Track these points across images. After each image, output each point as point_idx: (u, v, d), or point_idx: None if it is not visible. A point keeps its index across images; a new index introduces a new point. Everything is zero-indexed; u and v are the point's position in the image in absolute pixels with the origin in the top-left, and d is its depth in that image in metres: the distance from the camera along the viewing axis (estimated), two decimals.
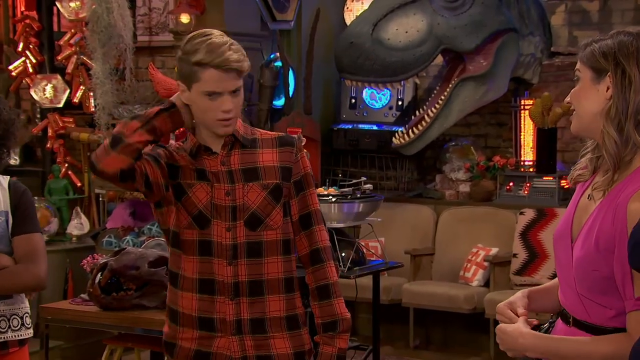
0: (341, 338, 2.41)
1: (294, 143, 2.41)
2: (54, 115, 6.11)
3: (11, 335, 2.68)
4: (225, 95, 2.29)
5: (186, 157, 2.37)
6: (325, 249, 2.42)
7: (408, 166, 6.94)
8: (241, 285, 2.33)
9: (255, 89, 6.60)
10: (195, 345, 2.37)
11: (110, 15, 5.54)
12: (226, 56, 2.26)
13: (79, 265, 5.26)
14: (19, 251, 2.66)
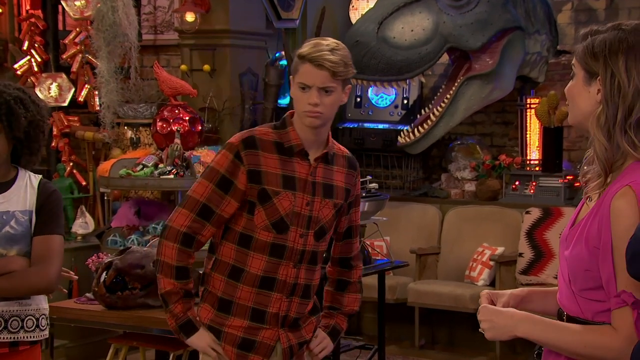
0: (340, 317, 2.74)
1: (357, 167, 2.68)
2: (59, 114, 6.10)
3: (23, 335, 2.68)
4: (313, 89, 2.45)
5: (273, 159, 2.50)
6: (356, 257, 2.75)
7: (413, 165, 6.92)
8: (298, 287, 2.57)
9: (261, 88, 6.59)
10: (242, 333, 2.57)
11: (115, 13, 5.53)
12: (323, 54, 2.45)
13: (83, 264, 5.26)
14: (34, 252, 2.66)
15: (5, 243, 2.62)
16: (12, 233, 2.63)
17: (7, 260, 2.62)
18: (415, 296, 6.06)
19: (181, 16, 6.06)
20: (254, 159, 2.49)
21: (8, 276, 2.60)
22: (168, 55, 6.46)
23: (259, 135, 2.52)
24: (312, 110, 2.46)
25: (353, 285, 2.75)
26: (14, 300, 2.65)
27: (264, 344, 2.58)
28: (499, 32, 6.17)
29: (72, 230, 5.85)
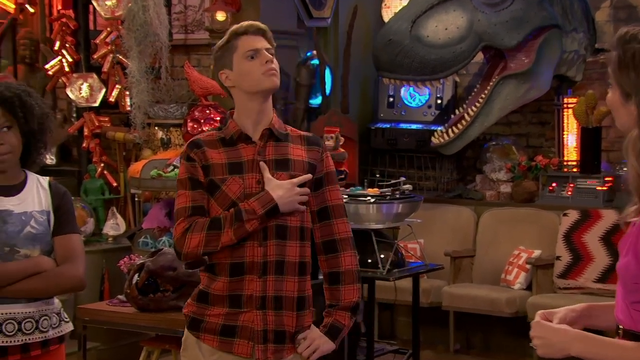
0: (339, 314, 2.65)
1: (320, 144, 2.67)
2: (90, 114, 6.07)
3: (52, 333, 2.70)
4: (262, 51, 2.57)
5: (219, 153, 2.58)
6: (342, 241, 2.65)
7: (447, 166, 6.83)
8: (269, 265, 2.55)
9: (292, 88, 6.53)
10: (222, 320, 2.58)
11: (146, 13, 5.49)
12: (251, 23, 2.62)
13: (115, 266, 5.22)
14: (58, 252, 2.69)
15: (29, 243, 2.64)
16: (34, 233, 2.65)
17: (37, 261, 2.63)
18: (450, 300, 5.96)
19: (212, 15, 6.01)
20: (202, 155, 2.59)
21: (40, 277, 2.62)
22: (199, 55, 6.41)
23: (204, 137, 2.64)
24: (270, 68, 2.56)
25: (346, 275, 2.64)
26: (41, 300, 2.66)
27: (245, 327, 2.57)
28: (535, 30, 6.06)
29: (103, 232, 5.81)
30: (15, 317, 2.61)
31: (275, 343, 2.58)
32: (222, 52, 2.60)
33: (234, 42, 2.59)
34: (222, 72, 2.60)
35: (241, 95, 2.60)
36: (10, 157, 2.65)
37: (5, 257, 2.60)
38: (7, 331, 2.60)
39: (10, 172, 2.68)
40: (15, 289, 2.59)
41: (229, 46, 2.59)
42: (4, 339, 2.59)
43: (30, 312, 2.63)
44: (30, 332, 2.63)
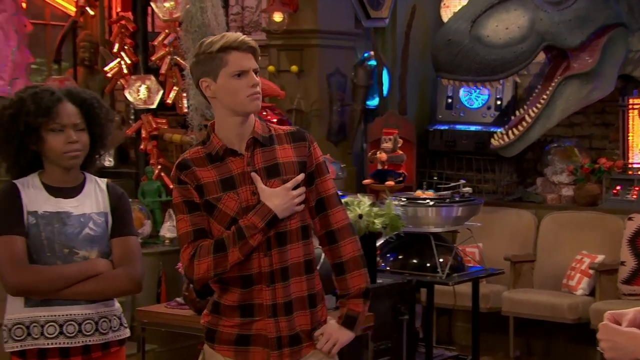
0: (352, 302, 2.65)
1: (306, 137, 2.63)
2: (148, 116, 6.08)
3: (112, 335, 2.70)
4: (250, 72, 2.52)
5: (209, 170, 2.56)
6: (341, 230, 2.65)
7: (507, 168, 6.70)
8: (275, 273, 2.56)
9: (349, 89, 6.48)
10: (237, 330, 2.59)
11: (204, 14, 5.48)
12: (242, 39, 2.54)
13: (171, 268, 5.22)
14: (116, 254, 2.69)
15: (87, 245, 2.65)
16: (92, 235, 2.66)
17: (94, 263, 2.65)
18: (510, 305, 5.85)
19: (269, 16, 5.99)
20: (193, 176, 2.57)
21: (96, 279, 2.64)
22: None
23: (190, 156, 2.60)
24: (255, 92, 2.54)
25: (350, 263, 2.65)
26: (100, 302, 2.67)
27: (259, 335, 2.59)
28: (599, 29, 5.90)
29: (160, 234, 5.82)
30: (75, 319, 2.62)
31: (290, 346, 2.60)
32: (209, 60, 2.53)
33: (224, 55, 2.52)
34: (204, 80, 2.55)
35: (222, 109, 2.57)
36: (80, 155, 2.69)
37: (65, 259, 2.62)
38: (68, 332, 2.61)
39: (72, 174, 2.70)
40: (72, 292, 2.61)
41: (218, 57, 2.52)
42: (65, 340, 2.61)
43: (90, 313, 2.64)
44: (90, 333, 2.64)
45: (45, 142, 2.63)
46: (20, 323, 2.60)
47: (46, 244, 2.61)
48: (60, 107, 2.63)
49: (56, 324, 2.60)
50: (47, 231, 2.61)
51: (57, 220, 2.62)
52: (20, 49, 5.94)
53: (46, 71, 7.25)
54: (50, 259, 2.60)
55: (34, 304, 2.60)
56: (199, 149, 2.61)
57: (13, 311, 2.63)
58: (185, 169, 2.58)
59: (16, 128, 2.61)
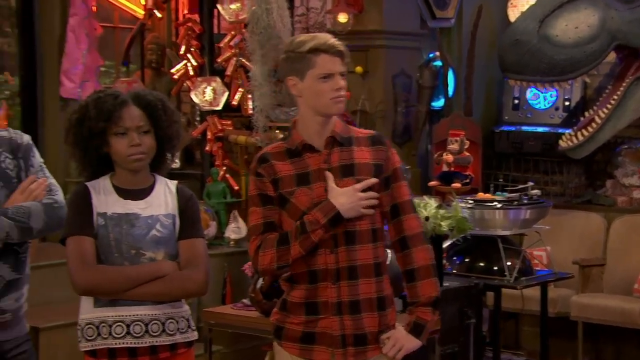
0: (420, 310, 2.67)
1: (385, 142, 2.70)
2: (213, 117, 6.12)
3: (180, 337, 2.71)
4: (336, 76, 2.59)
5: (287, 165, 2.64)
6: (413, 237, 2.68)
7: (575, 170, 6.57)
8: (342, 271, 2.60)
9: (414, 90, 6.44)
10: (302, 328, 2.64)
11: (270, 16, 5.49)
12: (332, 42, 2.61)
13: (236, 270, 5.24)
14: (182, 256, 2.71)
15: (154, 246, 2.66)
16: (159, 236, 2.67)
17: (159, 265, 2.66)
18: (579, 310, 5.74)
19: (334, 17, 5.98)
20: (270, 169, 2.65)
21: (162, 280, 2.65)
22: None
23: (270, 150, 2.70)
24: (339, 95, 2.60)
25: (421, 271, 2.67)
26: (167, 303, 2.68)
27: (323, 333, 2.63)
28: None
29: (225, 235, 5.85)
30: (142, 319, 2.64)
31: (355, 346, 2.63)
32: (297, 59, 2.61)
33: (313, 57, 2.59)
34: (291, 79, 2.64)
35: (306, 107, 2.65)
36: (145, 158, 2.70)
37: (132, 260, 2.64)
38: (135, 333, 2.63)
39: (140, 176, 2.72)
40: (138, 292, 2.63)
41: (307, 58, 2.59)
42: (132, 340, 2.63)
43: (156, 314, 2.66)
44: (157, 334, 2.66)
45: (111, 145, 2.67)
46: (91, 323, 2.64)
47: (114, 245, 2.64)
48: (124, 111, 2.65)
49: (123, 324, 2.63)
50: (116, 232, 2.64)
51: (126, 222, 2.65)
52: (90, 51, 6.04)
53: (114, 73, 7.36)
54: (118, 260, 2.63)
55: (103, 304, 2.64)
56: (280, 144, 2.71)
57: (84, 311, 2.67)
58: (264, 162, 2.66)
59: (82, 133, 2.66)
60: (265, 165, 2.67)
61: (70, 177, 5.91)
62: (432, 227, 4.25)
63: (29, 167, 2.78)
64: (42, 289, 4.62)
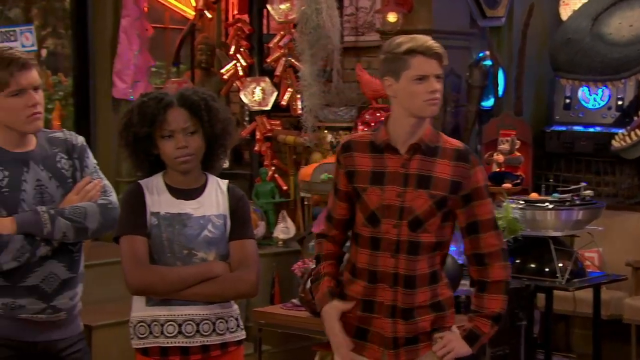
0: (480, 320, 2.68)
1: (470, 159, 2.67)
2: (262, 117, 6.14)
3: (229, 336, 2.73)
4: (431, 78, 2.60)
5: (365, 158, 2.67)
6: (491, 254, 2.69)
7: (628, 171, 6.45)
8: (399, 277, 2.64)
9: (463, 90, 6.38)
10: (357, 322, 2.70)
11: (319, 16, 5.49)
12: (429, 44, 2.61)
13: (285, 270, 5.26)
14: (233, 257, 2.71)
15: (206, 247, 2.68)
16: (211, 237, 2.68)
17: (211, 266, 2.68)
18: (632, 313, 5.62)
19: (383, 17, 5.95)
20: (350, 160, 2.70)
21: (215, 281, 2.66)
22: (369, 57, 6.35)
23: (356, 138, 2.74)
24: (433, 98, 2.61)
25: (493, 286, 2.69)
26: (217, 304, 2.69)
27: (376, 333, 2.68)
28: None
29: (274, 235, 5.86)
30: (193, 319, 2.66)
31: (406, 346, 2.67)
32: (393, 59, 2.63)
33: (408, 59, 2.60)
34: (387, 79, 2.66)
35: (399, 108, 2.66)
36: (193, 159, 2.70)
37: (184, 260, 2.66)
38: (186, 332, 2.65)
39: (192, 176, 2.73)
40: (191, 293, 2.65)
41: (402, 59, 2.61)
42: (184, 339, 2.65)
43: (207, 314, 2.67)
44: (207, 333, 2.67)
45: (159, 147, 2.69)
46: (143, 321, 2.67)
47: (167, 245, 2.66)
48: (168, 114, 2.66)
49: (175, 324, 2.65)
50: (168, 232, 2.66)
51: (178, 222, 2.67)
52: (141, 52, 6.10)
53: (165, 74, 7.43)
54: (171, 260, 2.65)
55: (155, 303, 2.66)
56: (367, 134, 2.74)
57: (136, 309, 2.70)
58: (346, 151, 2.72)
59: (128, 137, 2.69)
60: (345, 154, 2.71)
61: (121, 177, 5.98)
62: None
63: (84, 167, 2.82)
64: (94, 287, 4.67)
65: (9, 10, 7.22)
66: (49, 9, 7.68)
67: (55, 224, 2.66)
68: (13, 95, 2.65)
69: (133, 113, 2.68)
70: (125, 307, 2.82)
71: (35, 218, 2.65)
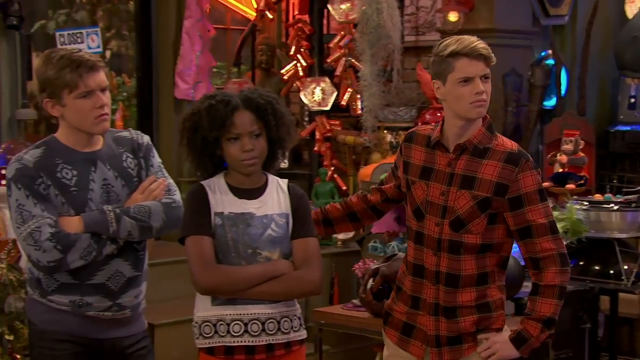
0: (530, 323, 2.66)
1: (519, 163, 2.64)
2: (322, 118, 6.16)
3: (293, 335, 2.74)
4: (476, 80, 2.62)
5: (421, 151, 2.74)
6: (546, 259, 2.65)
7: None
8: (441, 275, 2.67)
9: (525, 89, 6.30)
10: (405, 318, 2.75)
11: (380, 15, 5.48)
12: (474, 45, 2.63)
13: (344, 270, 5.26)
14: (296, 255, 2.72)
15: (270, 246, 2.69)
16: (274, 236, 2.69)
17: (276, 264, 2.69)
18: None
19: (444, 16, 5.91)
20: (408, 151, 2.78)
21: (280, 280, 2.67)
22: (429, 57, 6.30)
23: (419, 130, 2.81)
24: (479, 99, 2.63)
25: (545, 289, 2.66)
26: (281, 302, 2.70)
27: (420, 330, 2.70)
28: None
29: (333, 235, 5.86)
30: (259, 318, 2.67)
31: (450, 345, 2.68)
32: (440, 62, 2.67)
33: (453, 61, 2.63)
34: (435, 82, 2.70)
35: (448, 110, 2.70)
36: (258, 162, 2.72)
37: (249, 259, 2.67)
38: (252, 331, 2.66)
39: (253, 176, 2.74)
40: (256, 292, 2.66)
41: (447, 62, 2.64)
42: (250, 338, 2.66)
43: (272, 313, 2.68)
44: (273, 332, 2.68)
45: (224, 150, 2.70)
46: (208, 321, 2.68)
47: (231, 245, 2.67)
48: (235, 117, 2.66)
49: (241, 323, 2.66)
50: (233, 232, 2.67)
51: (242, 222, 2.68)
52: (203, 53, 6.16)
53: (226, 74, 7.50)
54: (236, 260, 2.67)
55: (221, 303, 2.67)
56: (429, 127, 2.80)
57: (202, 309, 2.71)
58: (408, 141, 2.80)
59: (195, 140, 2.70)
60: (407, 144, 2.79)
61: (183, 177, 6.05)
62: None
63: (149, 166, 2.85)
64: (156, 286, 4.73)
65: (76, 12, 7.36)
66: (113, 11, 7.82)
67: (120, 223, 2.70)
68: (82, 97, 2.69)
69: (201, 116, 2.68)
70: (187, 305, 2.84)
71: (102, 217, 2.69)
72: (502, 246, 2.72)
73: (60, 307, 2.72)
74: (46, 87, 2.70)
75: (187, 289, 2.72)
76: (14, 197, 2.67)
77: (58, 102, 2.71)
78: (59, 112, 2.73)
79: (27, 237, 2.63)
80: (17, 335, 3.95)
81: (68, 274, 2.70)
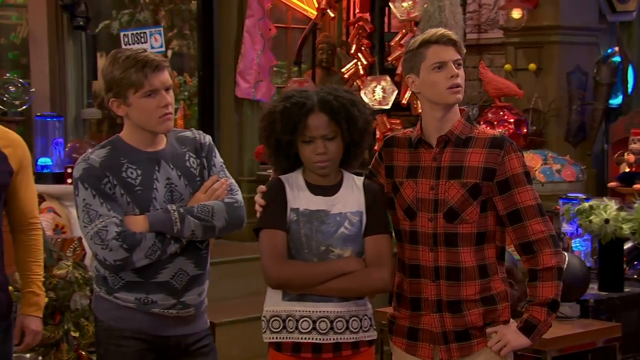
0: (535, 309, 2.64)
1: (503, 146, 2.65)
2: (382, 117, 6.12)
3: (362, 335, 2.72)
4: (449, 64, 2.60)
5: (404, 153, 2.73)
6: (539, 242, 2.64)
7: None
8: (440, 270, 2.65)
9: (590, 87, 6.21)
10: (408, 323, 2.73)
11: (442, 13, 5.43)
12: (442, 32, 2.64)
13: None
14: (368, 253, 2.71)
15: (342, 244, 2.68)
16: (347, 234, 2.69)
17: (347, 261, 2.68)
18: None
19: (507, 13, 5.85)
20: (389, 155, 2.76)
21: (349, 277, 2.67)
22: (491, 55, 6.27)
23: (399, 135, 2.78)
24: (455, 84, 2.60)
25: (544, 273, 2.64)
26: (351, 301, 2.69)
27: (425, 330, 2.69)
28: None
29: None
30: (327, 316, 2.67)
31: (458, 341, 2.66)
32: (411, 56, 2.66)
33: (424, 50, 2.63)
34: (409, 77, 2.68)
35: (425, 102, 2.69)
36: (331, 164, 2.71)
37: (321, 256, 2.68)
38: (320, 329, 2.66)
39: (330, 174, 2.74)
40: (325, 288, 2.66)
41: (418, 52, 2.64)
42: (318, 336, 2.67)
43: (341, 311, 2.68)
44: (341, 331, 2.68)
45: (299, 150, 2.71)
46: (277, 315, 2.69)
47: (305, 241, 2.68)
48: (310, 120, 2.67)
49: (310, 320, 2.66)
50: (306, 229, 2.68)
51: (316, 219, 2.68)
52: (264, 52, 6.19)
53: (286, 73, 7.52)
54: (308, 256, 2.67)
55: (291, 298, 2.68)
56: (410, 130, 2.78)
57: (271, 303, 2.72)
58: (389, 146, 2.79)
59: (269, 141, 2.73)
60: (387, 149, 2.78)
61: (243, 176, 6.08)
62: (612, 230, 4.10)
63: (212, 166, 2.86)
64: (217, 285, 4.76)
65: (139, 13, 7.46)
66: (175, 11, 7.92)
67: (184, 223, 2.71)
68: (146, 96, 2.71)
69: (276, 119, 2.69)
70: (247, 304, 2.86)
71: (166, 216, 2.71)
72: (496, 235, 2.70)
73: (127, 304, 2.75)
74: (112, 86, 2.73)
75: (248, 288, 2.73)
76: (81, 197, 2.71)
77: (124, 102, 2.74)
78: (124, 112, 2.76)
79: (94, 236, 2.67)
80: (83, 332, 4.01)
81: (133, 272, 2.73)
